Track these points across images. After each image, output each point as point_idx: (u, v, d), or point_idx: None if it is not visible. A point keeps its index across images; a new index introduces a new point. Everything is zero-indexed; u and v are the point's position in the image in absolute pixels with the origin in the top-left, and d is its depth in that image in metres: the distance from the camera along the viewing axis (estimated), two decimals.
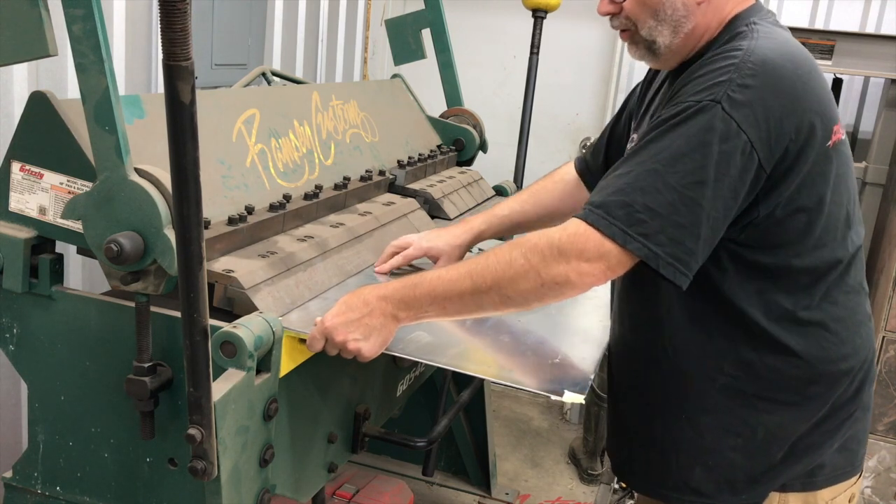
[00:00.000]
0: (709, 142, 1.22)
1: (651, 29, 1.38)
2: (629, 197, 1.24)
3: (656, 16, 1.36)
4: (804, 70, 1.29)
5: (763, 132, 1.23)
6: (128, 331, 1.34)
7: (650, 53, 1.42)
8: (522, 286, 1.27)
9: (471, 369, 1.37)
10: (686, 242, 1.23)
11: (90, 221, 1.25)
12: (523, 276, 1.26)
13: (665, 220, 1.22)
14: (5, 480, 1.53)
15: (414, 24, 2.65)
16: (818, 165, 1.30)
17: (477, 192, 2.52)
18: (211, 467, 1.16)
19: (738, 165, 1.23)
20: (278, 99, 1.92)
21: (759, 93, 1.23)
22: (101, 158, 1.22)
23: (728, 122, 1.22)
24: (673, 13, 1.35)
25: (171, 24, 0.88)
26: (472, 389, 2.21)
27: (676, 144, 1.23)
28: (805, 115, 1.26)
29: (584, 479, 3.46)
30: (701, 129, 1.22)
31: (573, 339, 1.61)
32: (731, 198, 1.24)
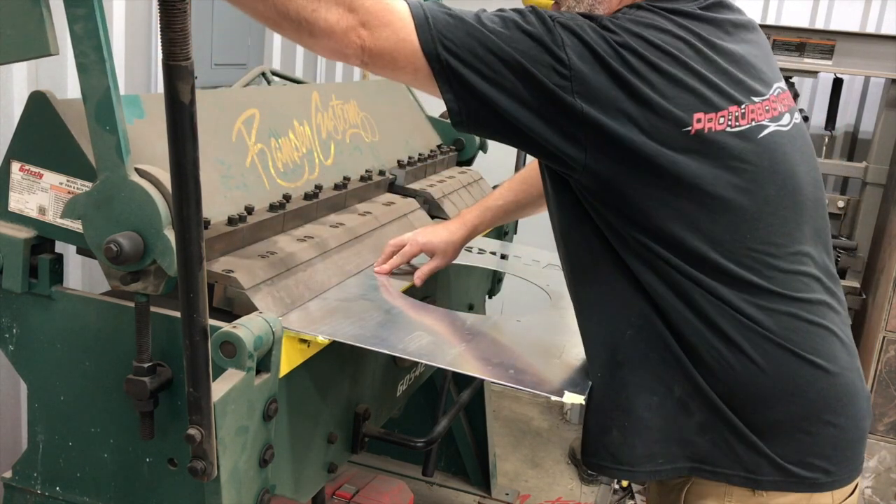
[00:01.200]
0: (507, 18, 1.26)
1: (569, 8, 1.39)
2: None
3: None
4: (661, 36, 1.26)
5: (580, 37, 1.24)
6: (127, 331, 1.34)
7: None
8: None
9: (470, 370, 1.37)
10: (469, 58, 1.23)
11: (90, 221, 1.25)
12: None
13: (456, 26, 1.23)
14: (5, 481, 1.53)
15: None
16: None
17: (477, 192, 2.52)
18: (211, 467, 1.16)
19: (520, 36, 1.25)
20: (278, 99, 1.92)
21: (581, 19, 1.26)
22: (102, 158, 1.21)
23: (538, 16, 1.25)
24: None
25: (170, 24, 0.88)
26: (472, 389, 2.21)
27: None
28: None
29: (584, 480, 3.46)
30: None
31: (573, 338, 1.61)
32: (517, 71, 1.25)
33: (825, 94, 3.37)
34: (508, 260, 2.15)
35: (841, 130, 3.49)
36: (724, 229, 1.26)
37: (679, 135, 1.22)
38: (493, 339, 1.52)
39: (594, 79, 1.20)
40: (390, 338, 1.41)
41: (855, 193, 3.40)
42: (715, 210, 1.26)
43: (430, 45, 1.22)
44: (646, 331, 1.32)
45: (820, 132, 3.40)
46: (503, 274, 2.60)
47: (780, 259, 1.30)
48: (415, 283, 1.76)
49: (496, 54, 1.21)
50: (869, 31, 3.28)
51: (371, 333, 1.42)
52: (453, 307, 2.17)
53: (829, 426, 1.33)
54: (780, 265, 1.30)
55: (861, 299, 3.08)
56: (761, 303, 1.28)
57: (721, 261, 1.27)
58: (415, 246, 1.78)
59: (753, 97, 1.29)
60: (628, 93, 1.21)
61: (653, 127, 1.21)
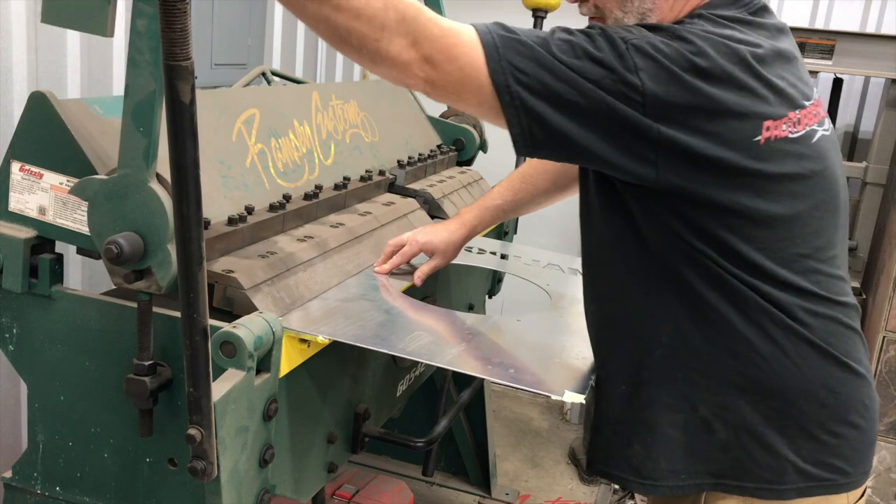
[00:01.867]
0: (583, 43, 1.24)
1: (617, 20, 1.36)
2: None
3: (623, 6, 1.35)
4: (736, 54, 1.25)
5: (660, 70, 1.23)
6: (128, 331, 1.34)
7: None
8: (357, 24, 1.16)
9: (470, 369, 1.37)
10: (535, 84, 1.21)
11: (97, 208, 1.25)
12: (370, 16, 1.15)
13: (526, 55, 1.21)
14: (5, 481, 1.53)
15: None
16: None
17: (477, 192, 2.52)
18: (211, 467, 1.16)
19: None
20: (278, 99, 1.92)
21: (658, 41, 1.23)
22: (127, 156, 1.22)
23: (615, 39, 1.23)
24: (640, 5, 1.33)
25: (171, 24, 0.88)
26: (472, 389, 2.21)
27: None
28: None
29: (584, 480, 3.46)
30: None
31: (573, 338, 1.61)
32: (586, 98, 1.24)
33: (825, 94, 3.37)
34: (508, 260, 2.15)
35: (841, 130, 3.49)
36: (780, 236, 1.28)
37: (750, 144, 1.22)
38: (493, 338, 1.52)
39: (669, 99, 1.18)
40: (390, 337, 1.41)
41: (855, 193, 3.40)
42: (775, 217, 1.27)
43: (500, 76, 1.20)
44: (677, 349, 1.33)
45: None
46: (503, 274, 2.60)
47: (822, 263, 1.32)
48: (414, 283, 1.76)
49: (568, 83, 1.19)
50: (869, 31, 3.28)
51: (371, 333, 1.42)
52: (453, 307, 2.17)
53: (853, 428, 1.35)
54: (822, 269, 1.32)
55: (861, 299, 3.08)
56: (810, 307, 1.30)
57: (775, 267, 1.28)
58: (414, 246, 1.78)
59: (804, 101, 1.30)
60: (703, 107, 1.19)
61: (728, 140, 1.21)
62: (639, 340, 1.36)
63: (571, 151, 1.25)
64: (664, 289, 1.32)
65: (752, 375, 1.31)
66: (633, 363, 1.37)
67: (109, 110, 1.43)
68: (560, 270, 2.04)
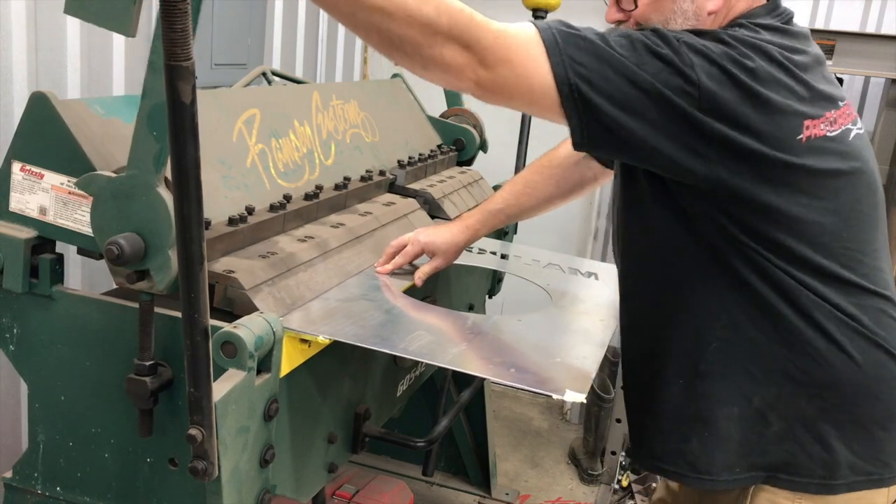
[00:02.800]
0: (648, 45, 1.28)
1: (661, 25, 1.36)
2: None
3: (666, 24, 1.36)
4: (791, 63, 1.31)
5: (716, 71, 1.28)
6: (128, 331, 1.34)
7: None
8: (410, 31, 1.17)
9: (471, 369, 1.37)
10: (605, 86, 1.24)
11: (100, 204, 1.25)
12: (423, 23, 1.16)
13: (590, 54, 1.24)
14: (5, 481, 1.53)
15: None
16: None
17: (477, 192, 2.52)
18: (211, 467, 1.16)
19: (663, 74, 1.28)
20: (278, 99, 1.92)
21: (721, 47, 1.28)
22: (137, 157, 1.22)
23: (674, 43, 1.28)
24: (683, 23, 1.36)
25: (171, 24, 0.88)
26: (472, 389, 2.21)
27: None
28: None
29: (584, 480, 3.46)
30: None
31: (574, 338, 1.61)
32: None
33: None
34: (508, 260, 2.15)
35: None
36: (825, 231, 1.32)
37: (794, 143, 1.26)
38: (493, 338, 1.52)
39: (722, 95, 1.22)
40: (391, 337, 1.41)
41: None
42: (821, 213, 1.31)
43: (561, 69, 1.22)
44: (733, 342, 1.36)
45: None
46: (503, 274, 2.60)
47: (866, 255, 1.36)
48: (415, 284, 1.76)
49: (627, 77, 1.22)
50: (869, 31, 3.28)
51: (372, 333, 1.42)
52: (454, 307, 2.17)
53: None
54: (866, 261, 1.36)
55: None
56: (858, 300, 1.34)
57: (823, 261, 1.32)
58: (416, 246, 1.78)
59: (839, 102, 1.35)
60: (754, 106, 1.24)
61: (774, 137, 1.25)
62: (694, 335, 1.39)
63: (627, 146, 1.28)
64: (717, 283, 1.36)
65: (807, 368, 1.34)
66: (689, 358, 1.40)
67: (109, 110, 1.43)
68: (560, 270, 2.04)
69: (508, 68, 1.23)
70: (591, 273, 2.04)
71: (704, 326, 1.38)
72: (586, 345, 1.55)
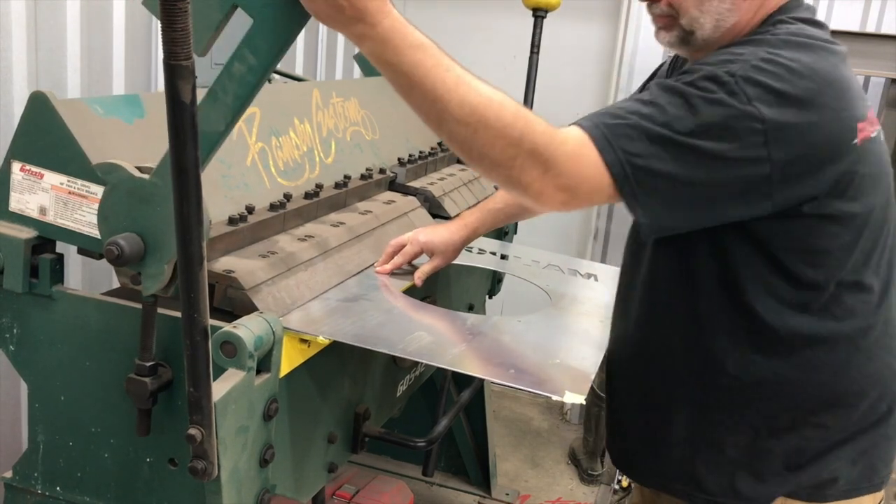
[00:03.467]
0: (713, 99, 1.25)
1: (692, 20, 1.34)
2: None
3: (701, 6, 1.33)
4: (842, 82, 1.29)
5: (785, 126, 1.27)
6: (128, 331, 1.34)
7: (683, 43, 1.38)
8: (494, 145, 1.19)
9: (471, 370, 1.37)
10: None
11: (115, 195, 1.25)
12: (499, 136, 1.18)
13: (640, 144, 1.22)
14: (5, 481, 1.53)
15: None
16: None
17: (477, 190, 2.51)
18: (211, 467, 1.16)
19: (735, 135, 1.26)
20: (279, 97, 1.91)
21: (786, 80, 1.24)
22: (167, 170, 1.21)
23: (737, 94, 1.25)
24: (718, 5, 1.32)
25: (171, 23, 0.88)
26: (472, 389, 2.21)
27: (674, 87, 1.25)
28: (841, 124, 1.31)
29: (584, 480, 3.46)
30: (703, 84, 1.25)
31: (573, 339, 1.61)
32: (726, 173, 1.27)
33: None
34: (508, 260, 2.15)
35: None
36: (862, 235, 1.32)
37: (851, 147, 1.25)
38: (493, 339, 1.52)
39: (784, 118, 1.19)
40: (391, 338, 1.41)
41: None
42: (857, 217, 1.30)
43: (618, 168, 1.20)
44: (742, 378, 1.38)
45: None
46: (503, 274, 2.60)
47: (883, 258, 1.37)
48: (415, 283, 1.76)
49: (686, 146, 1.19)
50: (869, 31, 3.28)
51: (371, 333, 1.41)
52: (453, 307, 2.17)
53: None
54: (882, 263, 1.37)
55: None
56: (878, 304, 1.37)
57: (858, 268, 1.33)
58: (416, 245, 1.78)
59: (868, 103, 1.33)
60: (813, 120, 1.21)
61: (834, 146, 1.24)
62: (705, 369, 1.40)
63: (695, 219, 1.28)
64: (734, 322, 1.35)
65: (815, 394, 1.36)
66: (698, 389, 1.42)
67: (109, 110, 1.43)
68: (560, 271, 2.04)
69: (586, 185, 1.22)
70: (590, 274, 2.04)
71: (716, 363, 1.38)
72: (585, 346, 1.55)
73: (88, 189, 1.31)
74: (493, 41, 3.92)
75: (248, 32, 1.16)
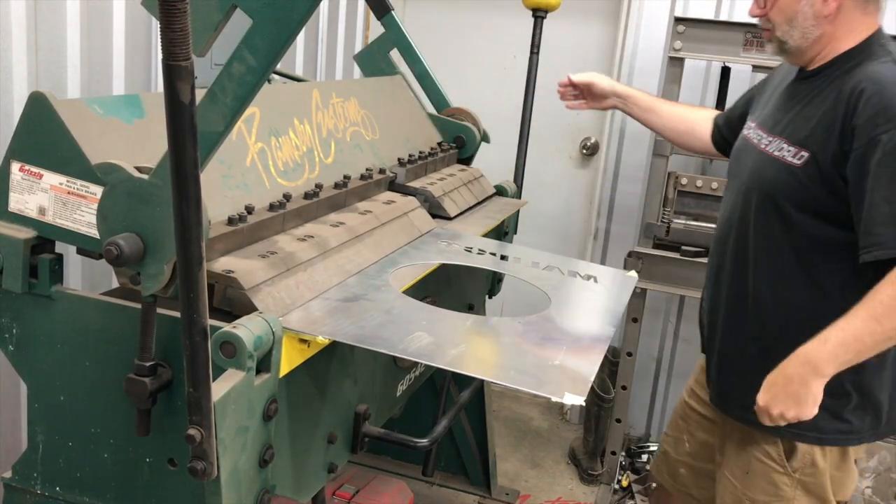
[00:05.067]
0: None
1: (784, 32, 1.76)
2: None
3: (790, 22, 1.74)
4: None
5: None
6: (128, 331, 1.34)
7: (781, 51, 1.81)
8: None
9: (471, 370, 1.37)
10: None
11: (113, 195, 1.25)
12: None
13: None
14: (5, 481, 1.53)
15: (380, 49, 2.72)
16: None
17: (478, 190, 2.51)
18: (210, 468, 1.16)
19: None
20: (278, 97, 1.91)
21: None
22: (165, 171, 1.21)
23: None
24: (804, 21, 1.72)
25: (170, 24, 0.88)
26: (472, 389, 2.21)
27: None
28: None
29: (584, 480, 3.46)
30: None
31: (573, 340, 1.61)
32: None
33: None
34: (508, 261, 2.15)
35: None
36: None
37: None
38: (493, 339, 1.52)
39: None
40: (391, 338, 1.41)
41: None
42: None
43: None
44: (809, 318, 1.67)
45: None
46: (503, 274, 2.60)
47: None
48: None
49: None
50: None
51: (371, 333, 1.41)
52: (454, 307, 2.17)
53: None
54: None
55: None
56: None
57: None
58: (581, 77, 2.42)
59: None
60: None
61: None
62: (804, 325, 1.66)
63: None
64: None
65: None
66: (801, 328, 1.64)
67: (109, 110, 1.43)
68: (559, 272, 2.04)
69: None
70: (589, 276, 2.03)
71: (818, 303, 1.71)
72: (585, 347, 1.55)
73: (88, 189, 1.31)
74: (493, 41, 3.92)
75: (248, 32, 1.16)
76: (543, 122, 3.63)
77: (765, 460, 1.83)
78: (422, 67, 2.70)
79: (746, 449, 1.87)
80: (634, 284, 2.02)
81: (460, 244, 2.03)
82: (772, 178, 1.76)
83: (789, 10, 1.73)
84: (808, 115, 1.73)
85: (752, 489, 1.85)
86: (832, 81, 1.71)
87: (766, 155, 1.80)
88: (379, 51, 2.71)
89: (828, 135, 1.65)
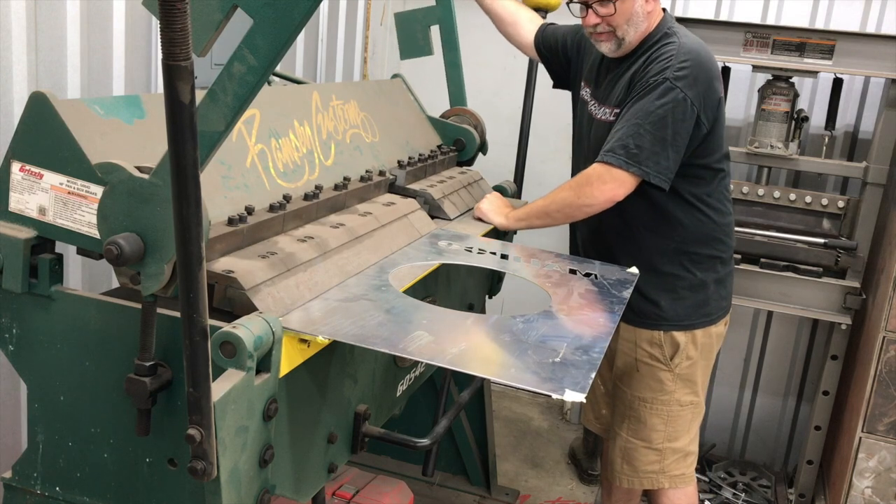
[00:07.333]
0: (666, 102, 2.07)
1: (624, 31, 2.18)
2: (625, 142, 2.09)
3: (628, 22, 2.17)
4: (711, 57, 2.17)
5: (699, 96, 2.09)
6: (127, 331, 1.34)
7: (618, 47, 2.22)
8: (570, 206, 2.19)
9: (471, 369, 1.37)
10: (662, 162, 2.09)
11: (113, 195, 1.25)
12: (573, 199, 2.17)
13: (648, 151, 2.07)
14: (5, 481, 1.53)
15: (424, 19, 2.62)
16: (721, 118, 2.21)
17: (477, 192, 2.51)
18: (210, 468, 1.16)
19: (684, 114, 2.08)
20: (278, 99, 1.92)
21: (693, 70, 2.09)
22: (166, 170, 1.21)
23: (676, 90, 2.07)
24: (636, 19, 2.17)
25: (170, 24, 0.88)
26: (473, 389, 2.21)
27: (647, 105, 2.09)
28: (717, 83, 2.15)
29: (584, 480, 3.46)
30: (660, 94, 2.08)
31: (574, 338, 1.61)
32: (684, 134, 2.10)
33: (825, 94, 3.36)
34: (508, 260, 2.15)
35: (841, 130, 3.48)
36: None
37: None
38: (493, 338, 1.52)
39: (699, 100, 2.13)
40: (391, 337, 1.41)
41: (855, 193, 3.39)
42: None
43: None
44: (679, 240, 2.29)
45: (820, 132, 3.39)
46: (503, 274, 2.60)
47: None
48: None
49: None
50: (869, 31, 3.28)
51: (371, 333, 1.41)
52: (454, 307, 2.17)
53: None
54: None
55: (861, 299, 3.07)
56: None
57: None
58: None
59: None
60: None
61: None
62: (665, 240, 2.29)
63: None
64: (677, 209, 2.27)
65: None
66: (660, 251, 2.28)
67: (109, 110, 1.43)
68: (559, 271, 2.04)
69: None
70: (589, 273, 2.04)
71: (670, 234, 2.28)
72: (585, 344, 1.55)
73: (88, 189, 1.31)
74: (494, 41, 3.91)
75: (249, 32, 1.16)
76: (543, 122, 3.63)
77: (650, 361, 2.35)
78: (455, 57, 2.62)
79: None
80: (635, 281, 2.02)
81: (460, 244, 2.03)
82: (602, 137, 2.22)
83: (628, 12, 2.15)
84: (621, 84, 2.22)
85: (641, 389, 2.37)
86: (638, 58, 2.19)
87: (600, 121, 2.29)
88: (421, 20, 2.62)
89: (626, 92, 2.18)
